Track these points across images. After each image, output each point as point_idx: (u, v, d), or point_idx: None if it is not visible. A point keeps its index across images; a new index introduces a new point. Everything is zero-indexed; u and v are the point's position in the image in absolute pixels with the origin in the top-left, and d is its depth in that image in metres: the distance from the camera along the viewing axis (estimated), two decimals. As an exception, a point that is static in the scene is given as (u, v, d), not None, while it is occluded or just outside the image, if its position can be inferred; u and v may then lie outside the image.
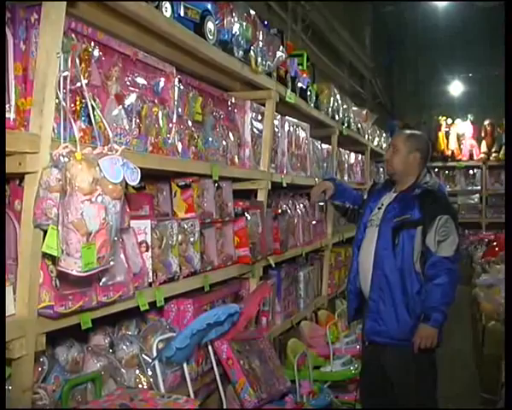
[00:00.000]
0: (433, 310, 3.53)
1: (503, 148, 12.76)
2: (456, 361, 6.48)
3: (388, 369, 3.73)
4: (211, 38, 3.22)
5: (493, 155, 13.00)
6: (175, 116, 2.99)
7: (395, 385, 3.72)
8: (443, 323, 3.56)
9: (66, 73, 2.09)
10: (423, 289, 3.59)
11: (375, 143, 8.66)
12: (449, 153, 13.32)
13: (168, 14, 2.82)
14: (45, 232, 2.06)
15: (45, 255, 2.14)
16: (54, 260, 2.10)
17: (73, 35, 2.27)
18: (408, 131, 3.98)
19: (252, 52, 3.70)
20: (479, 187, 13.37)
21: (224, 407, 3.43)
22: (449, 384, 5.70)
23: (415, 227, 3.60)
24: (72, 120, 2.12)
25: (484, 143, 13.17)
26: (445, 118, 13.50)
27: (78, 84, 2.25)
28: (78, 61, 2.26)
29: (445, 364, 6.31)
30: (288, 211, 4.96)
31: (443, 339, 3.71)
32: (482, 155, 13.13)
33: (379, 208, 3.83)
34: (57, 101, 2.11)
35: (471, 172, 13.55)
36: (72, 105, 2.26)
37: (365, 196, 4.27)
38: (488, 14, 13.27)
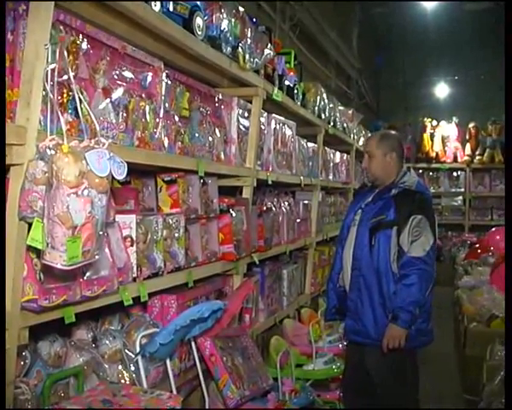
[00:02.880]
0: (401, 310, 3.52)
1: (487, 151, 12.87)
2: (439, 363, 6.51)
3: (370, 368, 3.74)
4: (199, 33, 3.22)
5: (477, 157, 13.08)
6: (162, 111, 2.98)
7: (377, 384, 3.73)
8: (411, 323, 3.55)
9: (53, 65, 2.07)
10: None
11: (361, 142, 8.68)
12: (433, 155, 13.40)
13: (157, 8, 2.81)
14: (30, 225, 2.05)
15: (29, 248, 2.12)
16: (38, 253, 2.08)
17: (61, 27, 2.25)
18: (378, 134, 3.99)
19: (240, 49, 3.69)
20: (462, 189, 13.46)
21: (207, 403, 3.43)
22: (431, 385, 5.73)
23: (390, 228, 3.61)
24: (59, 113, 2.11)
25: (468, 146, 13.25)
26: (430, 120, 13.57)
27: (66, 77, 2.23)
28: (65, 53, 2.24)
29: (427, 365, 6.36)
30: (273, 209, 4.96)
31: (434, 338, 3.79)
32: (466, 158, 13.21)
33: (361, 209, 3.85)
34: (44, 93, 2.09)
35: (455, 174, 13.64)
36: (60, 98, 2.24)
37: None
38: (476, 17, 13.35)
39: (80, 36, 2.38)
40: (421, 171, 13.76)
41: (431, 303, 3.73)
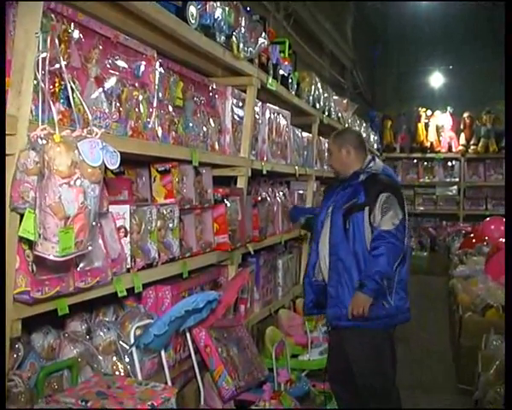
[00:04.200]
0: (367, 279, 3.59)
1: (482, 141, 12.86)
2: (433, 352, 6.52)
3: (349, 351, 3.79)
4: (193, 22, 3.18)
5: (472, 147, 13.06)
6: (155, 100, 2.96)
7: (354, 366, 3.78)
8: (376, 293, 3.60)
9: (44, 54, 2.05)
10: None
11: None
12: (428, 144, 13.36)
13: (150, -4, 2.78)
14: (22, 216, 2.03)
15: (22, 239, 2.10)
16: (30, 244, 2.06)
17: (53, 15, 2.22)
18: (334, 133, 4.17)
19: (234, 38, 3.66)
20: (457, 179, 13.45)
21: (202, 394, 3.42)
22: (425, 375, 5.75)
23: (362, 209, 3.72)
24: (51, 102, 2.09)
25: (463, 136, 13.23)
26: (424, 109, 13.54)
27: (57, 66, 2.20)
28: (57, 41, 2.21)
29: (421, 355, 6.38)
30: (268, 198, 4.95)
31: (411, 318, 3.83)
32: (461, 148, 13.20)
33: (333, 201, 3.94)
34: (35, 82, 2.07)
35: (449, 163, 13.61)
36: (51, 87, 2.22)
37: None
38: (471, 8, 13.31)
39: (72, 24, 2.35)
40: (415, 161, 13.77)
41: (406, 282, 3.82)
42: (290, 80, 5.16)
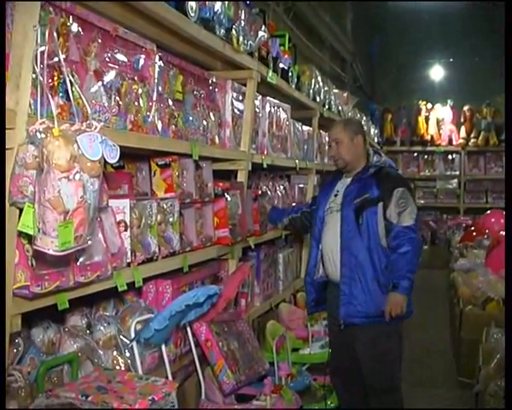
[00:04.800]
0: (401, 278, 3.61)
1: (482, 134, 12.84)
2: (434, 346, 6.52)
3: (361, 349, 3.78)
4: (192, 15, 3.17)
5: (472, 140, 13.06)
6: (155, 94, 2.94)
7: (364, 364, 3.79)
8: (410, 290, 3.65)
9: (43, 48, 2.03)
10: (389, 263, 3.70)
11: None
12: (428, 138, 13.35)
13: (149, -11, 2.77)
14: (21, 210, 2.02)
15: (21, 234, 2.09)
16: (30, 238, 2.05)
17: (51, 8, 2.20)
18: (341, 121, 4.14)
19: (234, 31, 3.64)
20: (457, 172, 13.45)
21: (202, 388, 3.42)
22: (426, 368, 5.75)
23: (375, 204, 3.70)
24: (50, 96, 2.08)
25: (463, 129, 13.22)
26: (425, 102, 13.52)
27: (56, 59, 2.19)
28: (55, 35, 2.20)
29: (422, 348, 6.38)
30: (268, 192, 4.94)
31: (414, 311, 3.82)
32: (461, 141, 13.19)
33: (335, 195, 3.91)
34: (34, 76, 2.06)
35: (450, 157, 13.61)
36: (50, 80, 2.20)
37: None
38: (471, 1, 13.29)
39: (70, 17, 2.33)
40: (415, 154, 13.76)
41: None
42: (290, 74, 5.15)
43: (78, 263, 2.40)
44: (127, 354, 2.83)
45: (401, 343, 3.86)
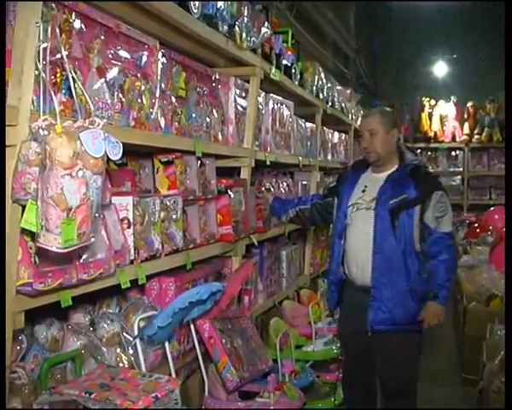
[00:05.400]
0: (441, 287, 3.53)
1: (486, 130, 12.82)
2: (437, 341, 6.51)
3: (387, 356, 3.65)
4: (195, 11, 3.16)
5: (475, 136, 13.02)
6: (158, 91, 2.93)
7: (388, 371, 3.68)
8: (448, 299, 3.61)
9: (45, 44, 2.03)
10: (422, 269, 3.55)
11: (359, 122, 8.62)
12: (432, 134, 13.32)
13: (152, -15, 2.76)
14: (24, 207, 2.01)
15: (24, 231, 2.09)
16: (33, 236, 2.05)
17: (53, 4, 2.20)
18: (378, 110, 3.78)
19: (237, 27, 3.64)
20: (461, 168, 13.41)
21: (206, 386, 3.42)
22: (429, 364, 5.74)
23: (413, 206, 3.51)
24: (53, 93, 2.07)
25: (466, 125, 13.19)
26: (428, 99, 13.49)
27: (59, 56, 2.18)
28: (58, 31, 2.19)
29: (425, 344, 6.36)
30: (272, 189, 4.93)
31: None
32: (465, 137, 13.15)
33: (363, 191, 3.68)
34: (37, 72, 2.05)
35: (453, 153, 13.58)
36: (53, 77, 2.20)
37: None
38: (471, 1, 13.27)
39: (73, 14, 2.33)
40: (419, 150, 13.69)
41: None
42: (293, 70, 5.14)
43: (82, 260, 2.39)
44: (130, 352, 2.83)
45: (421, 351, 3.77)
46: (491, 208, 9.67)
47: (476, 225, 10.04)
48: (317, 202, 4.22)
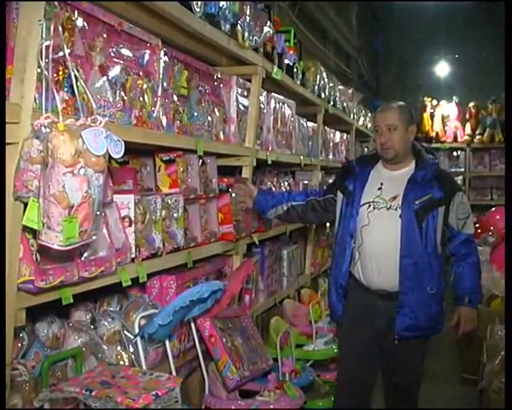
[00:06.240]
0: (474, 291, 3.46)
1: (487, 130, 12.81)
2: (437, 341, 6.50)
3: (410, 362, 3.52)
4: (197, 10, 3.16)
5: (477, 137, 13.01)
6: (160, 89, 2.94)
7: (407, 376, 3.55)
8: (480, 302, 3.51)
9: (48, 42, 2.03)
10: (443, 271, 3.44)
11: (361, 122, 8.65)
12: (433, 134, 13.31)
13: (154, -16, 2.76)
14: (26, 205, 2.02)
15: (25, 229, 2.09)
16: (34, 233, 2.05)
17: (56, 2, 2.20)
18: (397, 105, 3.55)
19: (239, 26, 3.64)
20: (462, 169, 13.39)
21: (206, 384, 3.43)
22: (430, 364, 5.73)
23: (437, 207, 3.36)
24: (55, 91, 2.07)
25: (468, 126, 13.18)
26: (430, 99, 13.48)
27: (61, 54, 2.18)
28: (60, 29, 2.19)
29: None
30: (273, 188, 4.93)
31: None
32: (466, 137, 13.14)
33: (379, 189, 3.45)
34: (39, 70, 2.05)
35: (455, 153, 13.56)
36: (55, 75, 2.20)
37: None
38: (472, 1, 13.27)
39: (76, 12, 2.33)
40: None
41: None
42: (295, 70, 5.14)
43: (83, 258, 2.40)
44: (131, 350, 2.84)
45: None
46: (493, 209, 9.67)
47: (477, 225, 10.02)
48: (313, 200, 3.82)
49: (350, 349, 3.61)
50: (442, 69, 15.21)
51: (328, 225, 6.44)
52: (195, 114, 3.40)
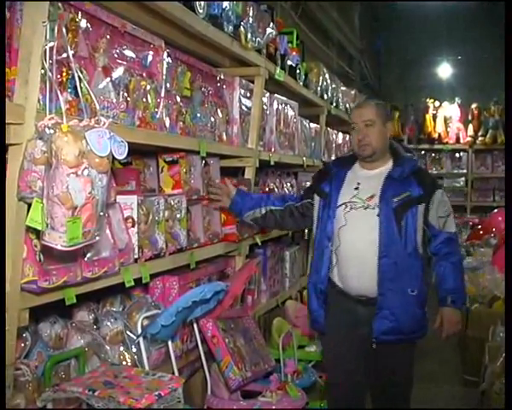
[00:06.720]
0: (457, 291, 3.31)
1: (490, 132, 12.79)
2: (439, 343, 6.50)
3: (392, 366, 3.35)
4: (201, 11, 3.17)
5: (480, 138, 12.99)
6: (163, 90, 2.95)
7: (392, 380, 3.39)
8: (465, 303, 3.37)
9: (52, 43, 2.04)
10: (425, 272, 3.30)
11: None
12: (436, 136, 13.28)
13: (158, -15, 2.77)
14: (29, 205, 2.02)
15: (29, 229, 2.10)
16: (38, 233, 2.06)
17: (60, 4, 2.21)
18: (372, 101, 3.47)
19: (242, 28, 3.65)
20: (464, 170, 13.37)
21: (209, 384, 3.43)
22: (432, 366, 5.73)
23: (417, 205, 3.24)
24: (59, 92, 2.08)
25: (471, 127, 13.16)
26: (432, 100, 13.46)
27: (65, 55, 2.20)
28: (64, 30, 2.20)
29: (427, 345, 6.37)
30: (275, 189, 4.93)
31: None
32: (469, 139, 13.12)
33: (356, 189, 3.32)
34: (43, 71, 2.06)
35: (457, 155, 13.53)
36: (59, 76, 2.21)
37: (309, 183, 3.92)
38: (474, 1, 13.27)
39: (79, 13, 2.34)
40: (423, 152, 13.68)
41: None
42: (298, 71, 5.15)
43: (86, 259, 2.41)
44: (134, 350, 2.84)
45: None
46: (495, 210, 9.66)
47: (480, 227, 10.02)
48: (291, 205, 3.65)
49: (334, 360, 3.48)
50: (444, 70, 15.20)
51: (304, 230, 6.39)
52: (198, 115, 3.41)
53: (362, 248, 3.23)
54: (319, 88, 5.94)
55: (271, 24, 4.11)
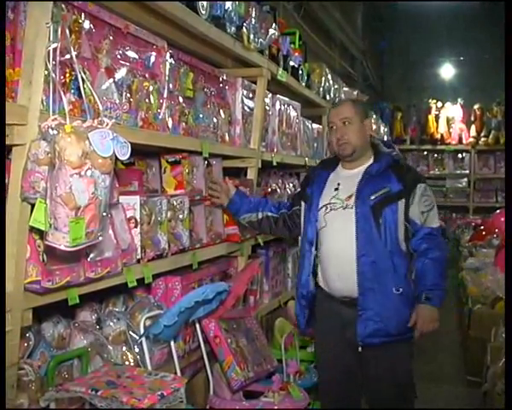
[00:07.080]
0: (434, 287, 3.16)
1: (492, 132, 12.79)
2: (442, 344, 6.51)
3: (377, 371, 3.25)
4: (203, 12, 3.18)
5: (482, 139, 12.99)
6: (166, 91, 2.95)
7: (379, 385, 3.29)
8: (444, 300, 3.22)
9: (55, 44, 2.04)
10: (409, 270, 3.20)
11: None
12: (438, 136, 13.29)
13: (160, -14, 2.78)
14: (33, 206, 2.03)
15: (32, 229, 2.11)
16: (41, 234, 2.07)
17: (63, 5, 2.22)
18: (349, 99, 3.43)
19: (244, 29, 3.66)
20: (467, 171, 13.38)
21: (211, 385, 3.43)
22: (434, 367, 5.74)
23: (396, 200, 3.16)
24: (62, 93, 2.09)
25: (473, 128, 13.16)
26: (435, 101, 13.46)
27: (68, 56, 2.20)
28: (68, 32, 2.21)
29: (430, 346, 6.37)
30: (278, 190, 4.94)
31: None
32: (471, 140, 13.13)
33: (336, 189, 3.28)
34: (46, 72, 2.07)
35: (460, 155, 13.54)
36: (62, 77, 2.22)
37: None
38: (477, 1, 13.25)
39: (82, 14, 2.35)
40: (425, 153, 13.69)
41: None
42: (300, 72, 5.16)
43: (89, 259, 2.41)
44: (136, 350, 2.84)
45: (413, 355, 3.41)
46: (497, 211, 9.67)
47: (482, 227, 10.02)
48: (284, 213, 3.63)
49: (323, 363, 3.50)
50: (447, 71, 15.18)
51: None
52: (201, 115, 3.41)
53: (341, 249, 3.19)
54: (321, 89, 5.95)
55: (274, 25, 4.12)
